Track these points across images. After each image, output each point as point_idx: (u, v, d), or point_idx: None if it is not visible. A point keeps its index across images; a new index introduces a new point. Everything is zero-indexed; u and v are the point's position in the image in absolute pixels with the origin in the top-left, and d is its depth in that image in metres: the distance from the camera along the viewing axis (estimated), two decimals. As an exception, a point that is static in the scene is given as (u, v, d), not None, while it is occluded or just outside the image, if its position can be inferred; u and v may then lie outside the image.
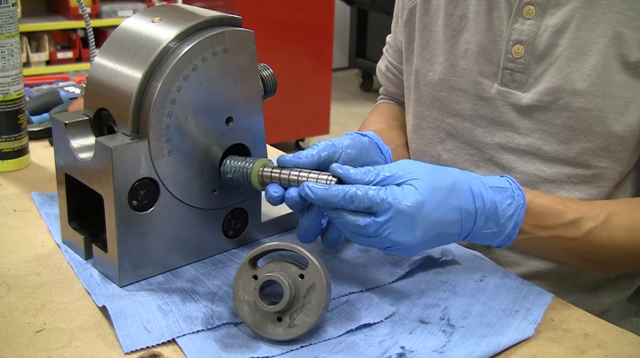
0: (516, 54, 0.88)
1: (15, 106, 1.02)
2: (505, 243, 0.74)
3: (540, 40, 0.86)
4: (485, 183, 0.72)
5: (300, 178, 0.72)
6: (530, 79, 0.87)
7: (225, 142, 0.77)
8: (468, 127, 0.94)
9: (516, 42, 0.88)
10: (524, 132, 0.89)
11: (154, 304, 0.69)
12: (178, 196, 0.74)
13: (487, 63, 0.91)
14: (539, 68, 0.87)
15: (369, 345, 0.65)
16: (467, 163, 0.95)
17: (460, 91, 0.94)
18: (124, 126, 0.71)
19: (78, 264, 0.77)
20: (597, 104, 0.83)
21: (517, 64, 0.88)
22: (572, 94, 0.84)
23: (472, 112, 0.93)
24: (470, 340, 0.66)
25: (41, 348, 0.64)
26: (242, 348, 0.64)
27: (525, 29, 0.87)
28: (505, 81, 0.89)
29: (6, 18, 0.98)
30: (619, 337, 0.69)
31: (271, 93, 0.81)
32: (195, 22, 0.72)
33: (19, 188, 0.98)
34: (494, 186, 0.73)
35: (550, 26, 0.85)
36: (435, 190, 0.69)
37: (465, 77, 0.93)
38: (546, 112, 0.87)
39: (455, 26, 0.93)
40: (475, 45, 0.91)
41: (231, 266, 0.78)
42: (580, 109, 0.84)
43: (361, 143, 0.78)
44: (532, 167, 0.90)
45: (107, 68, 0.74)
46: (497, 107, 0.91)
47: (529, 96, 0.87)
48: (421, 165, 0.71)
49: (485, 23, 0.90)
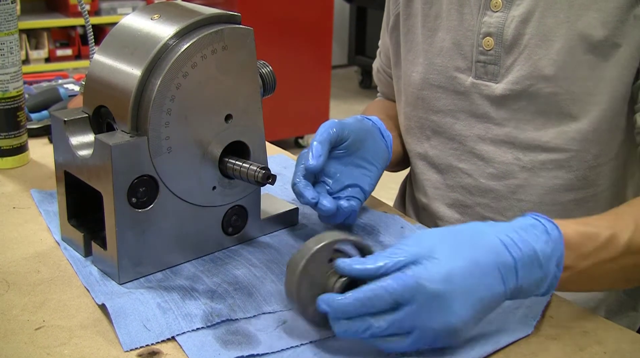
0: (487, 46, 0.89)
1: (14, 104, 1.02)
2: (552, 288, 0.66)
3: (508, 31, 0.88)
4: (513, 227, 0.65)
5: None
6: (502, 70, 0.89)
7: (224, 139, 0.77)
8: (449, 122, 0.96)
9: (486, 34, 0.89)
10: (500, 123, 0.91)
11: (153, 302, 0.69)
12: (177, 193, 0.74)
13: (461, 58, 0.93)
14: (508, 58, 0.88)
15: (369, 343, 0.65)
16: (451, 158, 0.97)
17: (440, 87, 0.95)
18: (123, 124, 0.71)
19: (77, 261, 0.77)
20: (567, 87, 0.85)
21: (488, 56, 0.90)
22: (541, 80, 0.86)
23: (452, 107, 0.95)
24: (469, 337, 0.66)
25: (40, 345, 0.64)
26: (241, 345, 0.64)
27: (493, 21, 0.89)
28: (479, 74, 0.91)
29: (5, 15, 0.98)
30: (618, 335, 0.69)
31: (270, 90, 0.81)
32: (195, 20, 0.72)
33: (19, 185, 0.98)
34: (524, 227, 0.65)
35: (516, 16, 0.87)
36: (459, 254, 0.61)
37: (442, 74, 0.95)
38: (519, 101, 0.88)
39: (430, 26, 0.96)
40: (449, 42, 0.93)
41: (230, 264, 0.78)
42: (551, 94, 0.86)
43: (366, 126, 0.81)
44: (510, 156, 0.91)
45: (106, 65, 0.74)
46: (473, 100, 0.93)
47: (501, 86, 0.89)
48: (436, 231, 0.65)
49: (457, 20, 0.93)
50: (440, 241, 0.62)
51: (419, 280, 0.59)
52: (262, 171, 0.74)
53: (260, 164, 0.75)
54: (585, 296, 0.94)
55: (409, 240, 0.63)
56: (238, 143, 0.78)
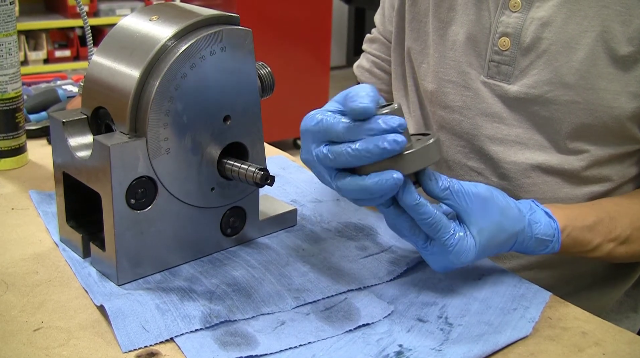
0: (502, 46, 0.88)
1: (13, 105, 1.02)
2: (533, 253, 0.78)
3: (526, 33, 0.86)
4: (534, 233, 0.75)
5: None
6: (516, 72, 0.88)
7: (223, 140, 0.77)
8: (457, 119, 0.94)
9: (502, 34, 0.88)
10: (512, 124, 0.90)
11: (152, 303, 0.69)
12: (176, 194, 0.74)
13: (475, 55, 0.91)
14: (524, 61, 0.87)
15: (367, 343, 0.66)
16: (459, 155, 0.95)
17: (450, 82, 0.94)
18: (122, 125, 0.71)
19: (76, 262, 0.77)
20: (586, 97, 0.84)
21: (503, 57, 0.88)
22: (561, 88, 0.85)
23: (460, 103, 0.93)
24: (467, 338, 0.67)
25: (39, 346, 0.64)
26: (240, 347, 0.64)
27: (511, 22, 0.87)
28: (492, 73, 0.90)
29: (4, 16, 0.98)
30: (616, 336, 0.69)
31: (269, 91, 0.81)
32: (193, 21, 0.72)
33: (17, 186, 0.98)
34: (539, 238, 0.76)
35: (536, 19, 0.86)
36: (487, 249, 0.72)
37: (453, 68, 0.93)
38: (534, 105, 0.88)
39: (443, 17, 0.94)
40: (463, 36, 0.92)
41: (229, 265, 0.78)
42: (569, 102, 0.85)
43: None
44: (522, 157, 0.90)
45: (104, 66, 0.74)
46: (483, 99, 0.91)
47: (515, 88, 0.88)
48: (493, 213, 0.72)
49: (474, 15, 0.91)
50: (485, 228, 0.72)
51: (458, 252, 0.70)
52: (261, 173, 0.74)
53: (258, 166, 0.75)
54: (584, 295, 0.94)
55: (471, 196, 0.71)
56: (237, 144, 0.78)
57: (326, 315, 0.70)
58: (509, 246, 0.75)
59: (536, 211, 0.76)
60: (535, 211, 0.76)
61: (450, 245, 0.70)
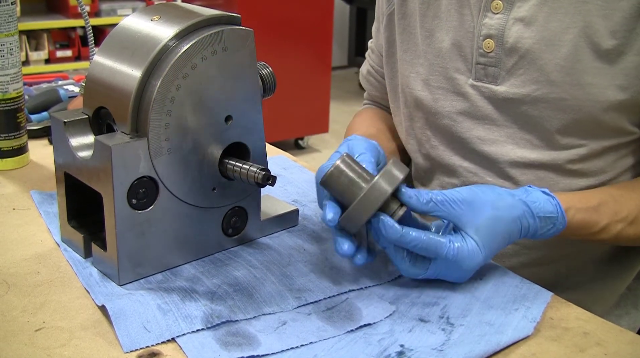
0: (487, 48, 0.89)
1: (14, 105, 1.02)
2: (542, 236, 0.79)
3: (509, 33, 0.87)
4: (535, 213, 0.75)
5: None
6: (502, 72, 0.89)
7: (224, 140, 0.77)
8: (449, 124, 0.95)
9: (486, 36, 0.89)
10: (503, 124, 0.91)
11: (153, 303, 0.69)
12: (177, 194, 0.74)
13: (461, 59, 0.92)
14: (509, 61, 0.88)
15: (369, 344, 0.65)
16: (454, 158, 0.96)
17: (439, 89, 0.95)
18: (123, 125, 0.71)
19: (77, 263, 0.77)
20: (573, 93, 0.85)
21: (488, 58, 0.89)
22: (547, 85, 0.86)
23: (451, 108, 0.94)
24: (469, 339, 0.66)
25: (41, 346, 0.64)
26: (242, 347, 0.64)
27: (494, 24, 0.88)
28: (479, 76, 0.91)
29: (5, 16, 0.98)
30: (618, 336, 0.69)
31: (270, 92, 0.81)
32: (195, 21, 0.72)
33: (18, 187, 0.98)
34: (542, 216, 0.76)
35: (518, 19, 0.87)
36: (493, 243, 0.73)
37: (441, 74, 0.94)
38: (523, 104, 0.88)
39: (429, 26, 0.95)
40: (448, 43, 0.93)
41: (230, 265, 0.78)
42: (557, 100, 0.86)
43: (377, 148, 0.82)
44: (515, 155, 0.91)
45: (106, 67, 0.74)
46: (473, 102, 0.92)
47: (503, 89, 0.89)
48: (483, 210, 0.73)
49: (457, 20, 0.92)
50: (483, 226, 0.73)
51: (459, 260, 0.71)
52: (262, 173, 0.74)
53: (260, 166, 0.75)
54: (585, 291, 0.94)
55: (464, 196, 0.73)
56: (238, 144, 0.78)
57: (328, 315, 0.70)
58: (517, 233, 0.75)
59: (532, 193, 0.77)
60: (531, 193, 0.77)
61: (452, 256, 0.71)
